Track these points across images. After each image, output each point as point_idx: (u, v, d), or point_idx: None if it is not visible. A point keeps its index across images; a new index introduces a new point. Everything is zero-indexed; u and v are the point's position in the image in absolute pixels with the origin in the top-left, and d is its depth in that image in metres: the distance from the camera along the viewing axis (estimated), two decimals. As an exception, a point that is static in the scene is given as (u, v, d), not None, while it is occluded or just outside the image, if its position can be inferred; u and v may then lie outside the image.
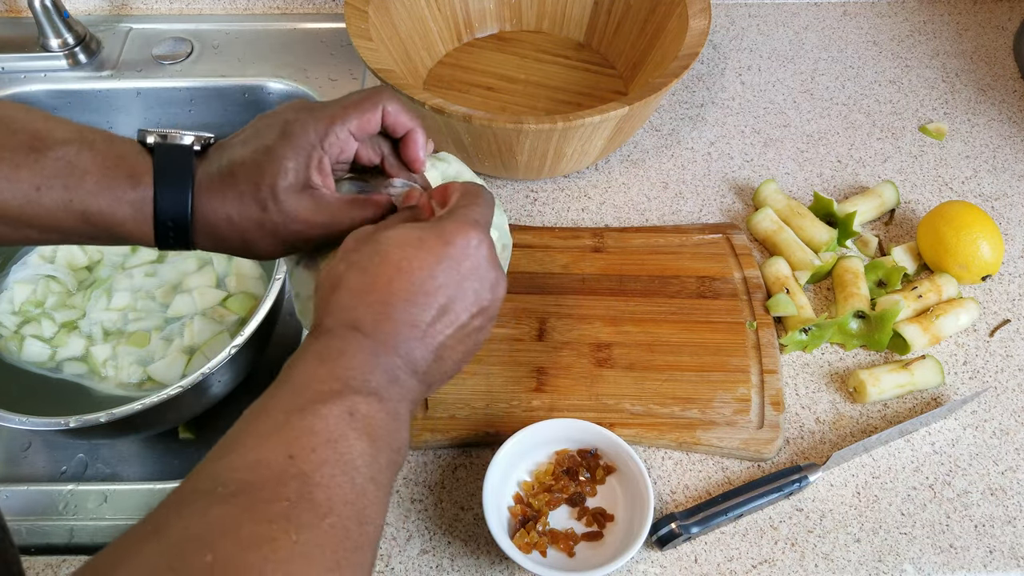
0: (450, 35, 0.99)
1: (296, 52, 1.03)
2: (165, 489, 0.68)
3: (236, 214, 0.50)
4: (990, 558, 0.64)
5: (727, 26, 1.07)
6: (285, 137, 0.50)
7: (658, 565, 0.63)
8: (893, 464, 0.69)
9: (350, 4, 0.86)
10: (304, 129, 0.50)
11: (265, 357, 0.81)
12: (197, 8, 1.08)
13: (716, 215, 0.86)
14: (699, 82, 1.00)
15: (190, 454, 0.82)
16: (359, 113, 0.51)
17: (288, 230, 0.50)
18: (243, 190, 0.49)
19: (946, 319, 0.75)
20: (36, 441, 0.81)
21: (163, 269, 0.83)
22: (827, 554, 0.64)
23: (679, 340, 0.74)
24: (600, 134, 0.80)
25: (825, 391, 0.73)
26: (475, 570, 0.64)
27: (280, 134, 0.50)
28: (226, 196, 0.50)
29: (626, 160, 0.91)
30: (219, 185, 0.50)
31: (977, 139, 0.94)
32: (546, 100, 0.95)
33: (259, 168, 0.49)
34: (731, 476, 0.68)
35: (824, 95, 0.99)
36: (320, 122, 0.51)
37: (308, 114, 0.51)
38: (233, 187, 0.50)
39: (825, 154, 0.92)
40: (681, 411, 0.70)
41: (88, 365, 0.77)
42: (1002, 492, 0.67)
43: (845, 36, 1.06)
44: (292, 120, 0.51)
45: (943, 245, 0.77)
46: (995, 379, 0.74)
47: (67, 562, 0.64)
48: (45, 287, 0.81)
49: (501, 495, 0.64)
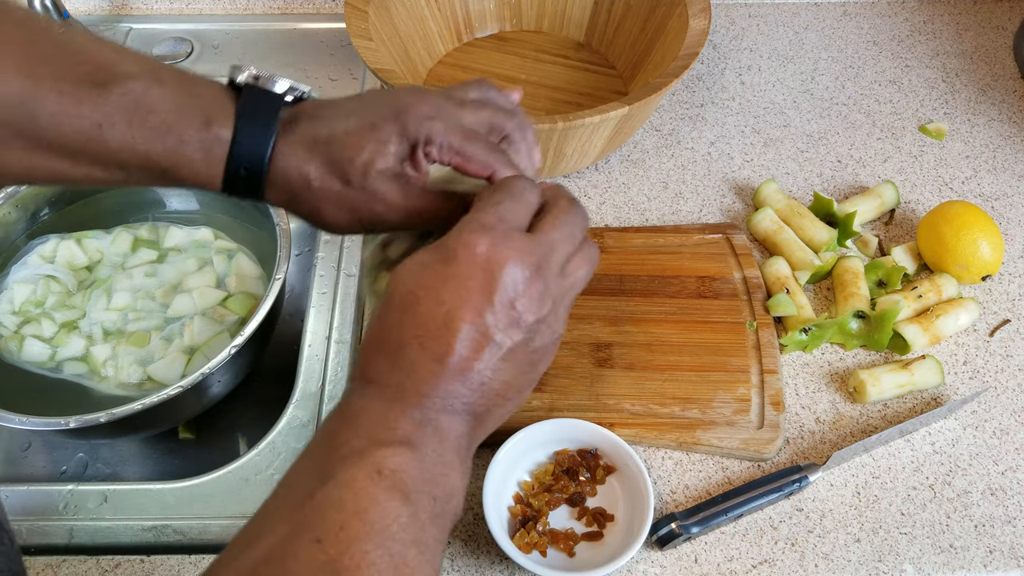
0: (450, 35, 0.99)
1: (296, 52, 1.03)
2: (165, 489, 0.68)
3: (318, 179, 0.47)
4: (990, 558, 0.64)
5: (727, 26, 1.07)
6: (396, 120, 0.47)
7: (658, 565, 0.63)
8: (893, 464, 0.69)
9: (350, 4, 0.86)
10: (418, 122, 0.48)
11: (265, 357, 0.81)
12: (197, 8, 1.08)
13: (716, 215, 0.86)
14: (699, 82, 1.00)
15: (190, 454, 0.82)
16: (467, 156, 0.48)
17: (368, 208, 0.48)
18: (334, 159, 0.47)
19: (946, 319, 0.75)
20: (36, 441, 0.81)
21: (163, 269, 0.82)
22: (827, 554, 0.64)
23: (679, 340, 0.74)
24: (600, 134, 0.80)
25: (825, 391, 0.73)
26: (475, 570, 0.64)
27: (392, 115, 0.48)
28: (312, 158, 0.47)
29: (626, 160, 0.91)
30: (310, 145, 0.47)
31: (977, 139, 0.94)
32: (546, 100, 0.95)
33: (359, 143, 0.47)
34: (731, 476, 0.68)
35: (824, 95, 0.99)
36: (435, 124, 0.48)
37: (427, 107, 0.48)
38: (324, 153, 0.47)
39: (825, 154, 0.92)
40: (681, 411, 0.70)
41: (88, 365, 0.77)
42: (1002, 492, 0.67)
43: (845, 36, 1.06)
44: (408, 105, 0.48)
45: (943, 245, 0.77)
46: (995, 379, 0.74)
47: (67, 562, 0.64)
48: (45, 287, 0.81)
49: (501, 495, 0.64)
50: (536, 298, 0.43)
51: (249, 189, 0.48)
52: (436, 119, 0.48)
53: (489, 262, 0.41)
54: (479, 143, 0.49)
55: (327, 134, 0.48)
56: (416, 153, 0.48)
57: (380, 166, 0.47)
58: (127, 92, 0.45)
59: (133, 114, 0.45)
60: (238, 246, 0.85)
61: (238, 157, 0.47)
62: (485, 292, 0.41)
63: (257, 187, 0.48)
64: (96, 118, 0.45)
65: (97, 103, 0.45)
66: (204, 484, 0.68)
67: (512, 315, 0.42)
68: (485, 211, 0.44)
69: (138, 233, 0.85)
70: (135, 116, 0.45)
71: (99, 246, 0.84)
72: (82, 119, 0.45)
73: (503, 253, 0.42)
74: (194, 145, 0.47)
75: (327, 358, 0.75)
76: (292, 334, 0.84)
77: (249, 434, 0.83)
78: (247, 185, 0.48)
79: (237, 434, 0.84)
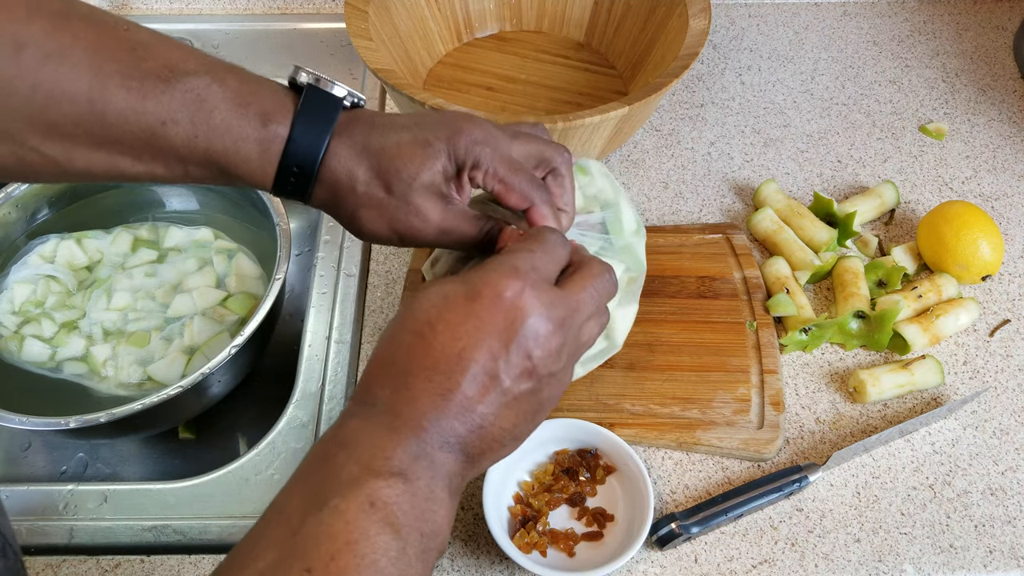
0: (450, 35, 0.99)
1: (296, 52, 1.03)
2: (165, 489, 0.68)
3: (363, 183, 0.49)
4: (990, 558, 0.64)
5: (727, 26, 1.07)
6: (448, 141, 0.49)
7: (658, 565, 0.63)
8: (893, 464, 0.69)
9: (350, 4, 0.86)
10: (468, 146, 0.49)
11: (265, 357, 0.81)
12: (197, 8, 1.08)
13: (716, 215, 0.86)
14: (699, 82, 1.00)
15: (190, 454, 0.82)
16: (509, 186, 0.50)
17: (404, 220, 0.49)
18: (383, 167, 0.48)
19: (946, 319, 0.75)
20: (36, 441, 0.81)
21: (163, 269, 0.83)
22: (827, 554, 0.64)
23: (679, 340, 0.74)
24: (600, 134, 0.80)
25: (825, 391, 0.73)
26: (475, 570, 0.64)
27: (448, 135, 0.49)
28: (362, 162, 0.49)
29: (626, 160, 0.91)
30: (362, 150, 0.49)
31: (977, 139, 0.94)
32: (546, 100, 0.95)
33: (410, 156, 0.48)
34: (731, 476, 0.68)
35: (824, 95, 0.99)
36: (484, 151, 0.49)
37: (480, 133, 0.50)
38: (374, 159, 0.49)
39: (825, 154, 0.92)
40: (681, 411, 0.70)
41: (88, 365, 0.77)
42: (1002, 492, 0.67)
43: (845, 36, 1.06)
44: (462, 129, 0.49)
45: (943, 245, 0.77)
46: (995, 379, 0.74)
47: (67, 562, 0.64)
48: (45, 287, 0.81)
49: (501, 495, 0.64)
50: (554, 352, 0.43)
51: (298, 188, 0.50)
52: (486, 145, 0.49)
53: (514, 308, 0.41)
54: (523, 175, 0.50)
55: (380, 143, 0.49)
56: (462, 175, 0.50)
57: (425, 180, 0.48)
58: (191, 89, 0.46)
59: (196, 111, 0.46)
60: (238, 246, 0.85)
61: (292, 155, 0.48)
62: (503, 337, 0.41)
63: (306, 186, 0.49)
64: (160, 115, 0.46)
65: (162, 100, 0.46)
66: (204, 484, 0.68)
67: (526, 365, 0.42)
68: (518, 255, 0.44)
69: (138, 233, 0.85)
70: (198, 113, 0.46)
71: (99, 246, 0.84)
72: (147, 115, 0.46)
73: (531, 302, 0.42)
74: (252, 142, 0.47)
75: (327, 358, 0.75)
76: (292, 334, 0.84)
77: (249, 434, 0.83)
78: (297, 184, 0.49)
79: (237, 434, 0.84)
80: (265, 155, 0.48)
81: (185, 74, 0.46)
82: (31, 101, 0.44)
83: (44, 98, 0.44)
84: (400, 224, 0.50)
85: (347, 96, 0.50)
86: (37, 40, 0.44)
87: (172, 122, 0.46)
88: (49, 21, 0.45)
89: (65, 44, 0.44)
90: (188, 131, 0.46)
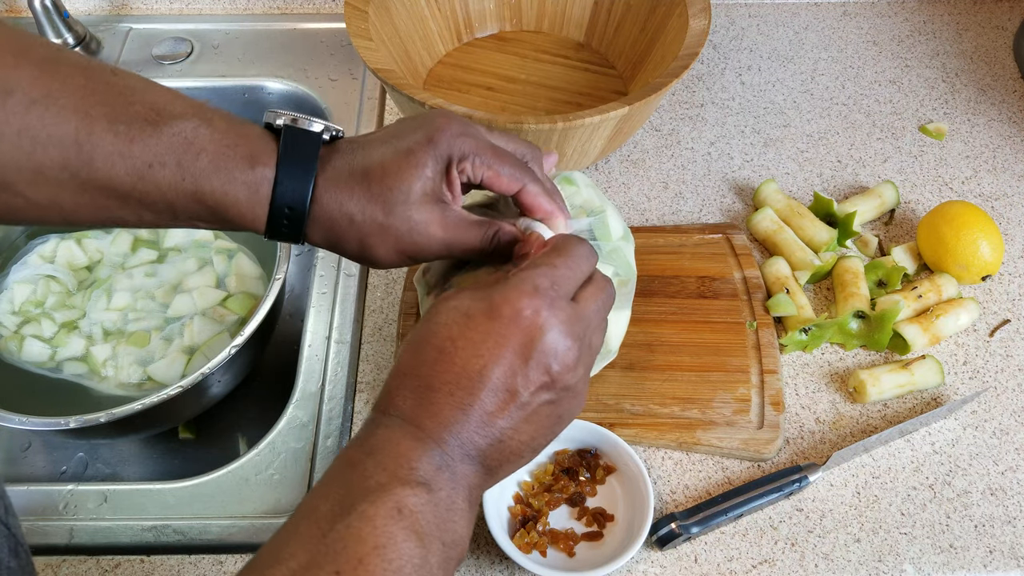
0: (450, 35, 0.99)
1: (296, 52, 1.03)
2: (165, 489, 0.68)
3: (359, 213, 0.48)
4: (990, 558, 0.64)
5: (727, 26, 1.07)
6: (430, 143, 0.49)
7: (658, 565, 0.63)
8: (893, 464, 0.69)
9: (350, 4, 0.86)
10: (450, 141, 0.49)
11: (265, 357, 0.81)
12: (197, 8, 1.08)
13: (716, 215, 0.86)
14: (699, 82, 1.00)
15: (190, 454, 0.82)
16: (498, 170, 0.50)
17: (409, 240, 0.49)
18: (374, 191, 0.48)
19: (946, 319, 0.75)
20: (36, 441, 0.81)
21: (163, 269, 0.83)
22: (827, 554, 0.64)
23: (679, 340, 0.74)
24: (600, 134, 0.80)
25: (825, 391, 0.73)
26: (475, 570, 0.64)
27: (427, 137, 0.49)
28: (353, 193, 0.48)
29: (626, 160, 0.91)
30: (348, 180, 0.49)
31: (977, 139, 0.94)
32: (546, 100, 0.95)
33: (397, 169, 0.48)
34: (731, 476, 0.68)
35: (824, 95, 0.99)
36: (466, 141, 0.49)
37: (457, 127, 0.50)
38: (363, 185, 0.48)
39: (825, 154, 0.92)
40: (681, 411, 0.70)
41: (88, 365, 0.77)
42: (1002, 492, 0.67)
43: (845, 36, 1.06)
44: (439, 127, 0.49)
45: (943, 245, 0.77)
46: (995, 379, 0.74)
47: (67, 562, 0.64)
48: (45, 287, 0.81)
49: (501, 495, 0.64)
50: (571, 366, 0.43)
51: (292, 230, 0.49)
52: (467, 136, 0.50)
53: (533, 327, 0.42)
54: (509, 158, 0.51)
55: (364, 165, 0.49)
56: (451, 171, 0.49)
57: (418, 191, 0.48)
58: (178, 132, 0.46)
59: (183, 154, 0.46)
60: (238, 246, 0.85)
61: (281, 196, 0.48)
62: (523, 354, 0.42)
63: (299, 227, 0.49)
64: (147, 158, 0.46)
65: (148, 143, 0.46)
66: (204, 484, 0.68)
67: (544, 380, 0.43)
68: (540, 271, 0.44)
69: (138, 233, 0.85)
70: (185, 156, 0.46)
71: (99, 246, 0.84)
72: (134, 159, 0.46)
73: (549, 321, 0.42)
74: (240, 185, 0.47)
75: (327, 358, 0.75)
76: (292, 334, 0.84)
77: (249, 434, 0.83)
78: (290, 225, 0.49)
79: (237, 434, 0.84)
80: (255, 196, 0.48)
81: (173, 117, 0.46)
82: (17, 147, 0.44)
83: (30, 143, 0.44)
84: (405, 244, 0.50)
85: (324, 130, 0.50)
86: (24, 86, 0.44)
87: (159, 164, 0.46)
88: (37, 67, 0.45)
89: (53, 89, 0.45)
90: (175, 174, 0.46)
